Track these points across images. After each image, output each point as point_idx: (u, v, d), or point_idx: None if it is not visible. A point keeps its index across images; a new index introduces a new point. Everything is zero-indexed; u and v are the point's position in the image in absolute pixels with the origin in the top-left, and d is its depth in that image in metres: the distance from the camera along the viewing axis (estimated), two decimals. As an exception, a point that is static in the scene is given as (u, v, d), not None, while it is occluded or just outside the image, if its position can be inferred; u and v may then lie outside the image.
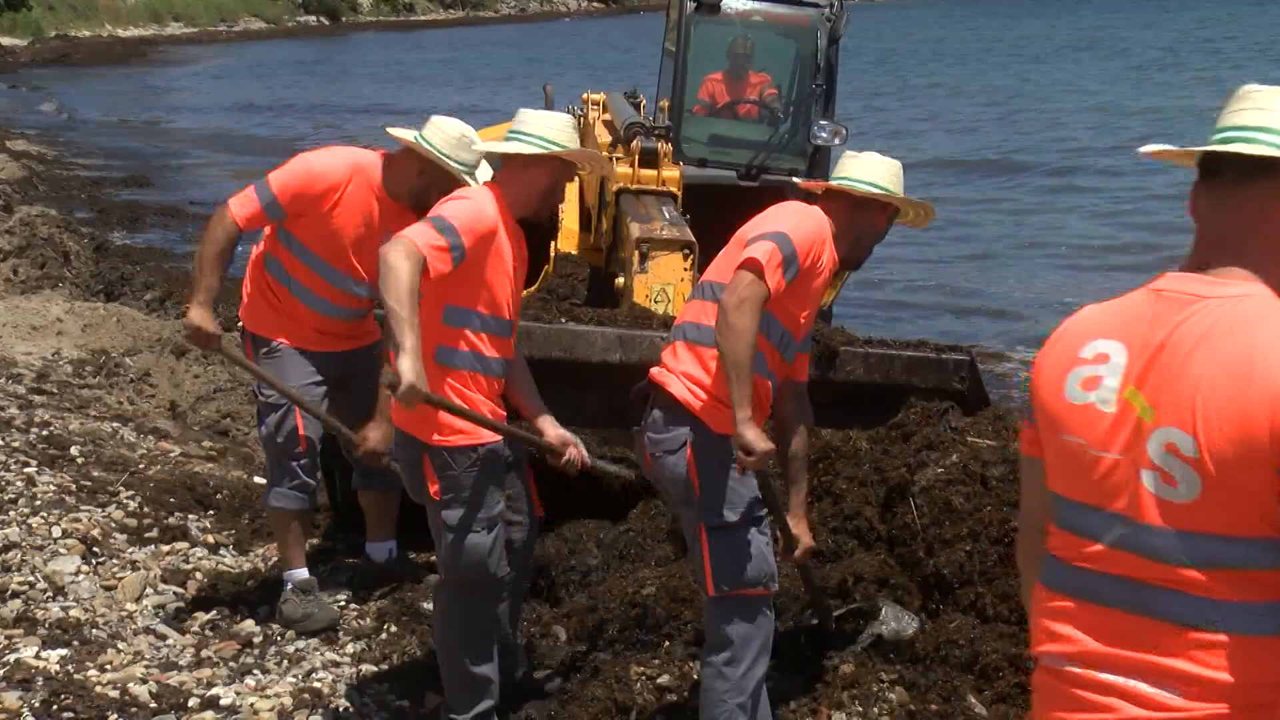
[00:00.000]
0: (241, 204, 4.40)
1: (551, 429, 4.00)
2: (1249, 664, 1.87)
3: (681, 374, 3.55)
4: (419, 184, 4.39)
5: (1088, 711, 1.99)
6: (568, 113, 8.38)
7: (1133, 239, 15.06)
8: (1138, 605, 1.94)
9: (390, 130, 4.48)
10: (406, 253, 3.42)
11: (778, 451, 3.61)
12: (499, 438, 3.79)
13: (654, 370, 3.67)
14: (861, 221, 3.66)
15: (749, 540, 3.54)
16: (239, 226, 4.40)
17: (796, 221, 3.53)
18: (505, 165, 3.84)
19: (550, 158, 3.74)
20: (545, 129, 3.73)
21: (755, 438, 3.27)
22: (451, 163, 4.26)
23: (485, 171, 4.46)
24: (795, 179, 3.98)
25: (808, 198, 3.77)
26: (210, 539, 5.49)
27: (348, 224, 4.46)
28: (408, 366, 3.35)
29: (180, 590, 4.96)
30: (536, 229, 7.10)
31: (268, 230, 4.55)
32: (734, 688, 3.54)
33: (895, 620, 4.16)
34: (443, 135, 4.29)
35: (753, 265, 3.36)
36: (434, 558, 5.26)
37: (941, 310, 12.55)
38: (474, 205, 3.67)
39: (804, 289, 3.55)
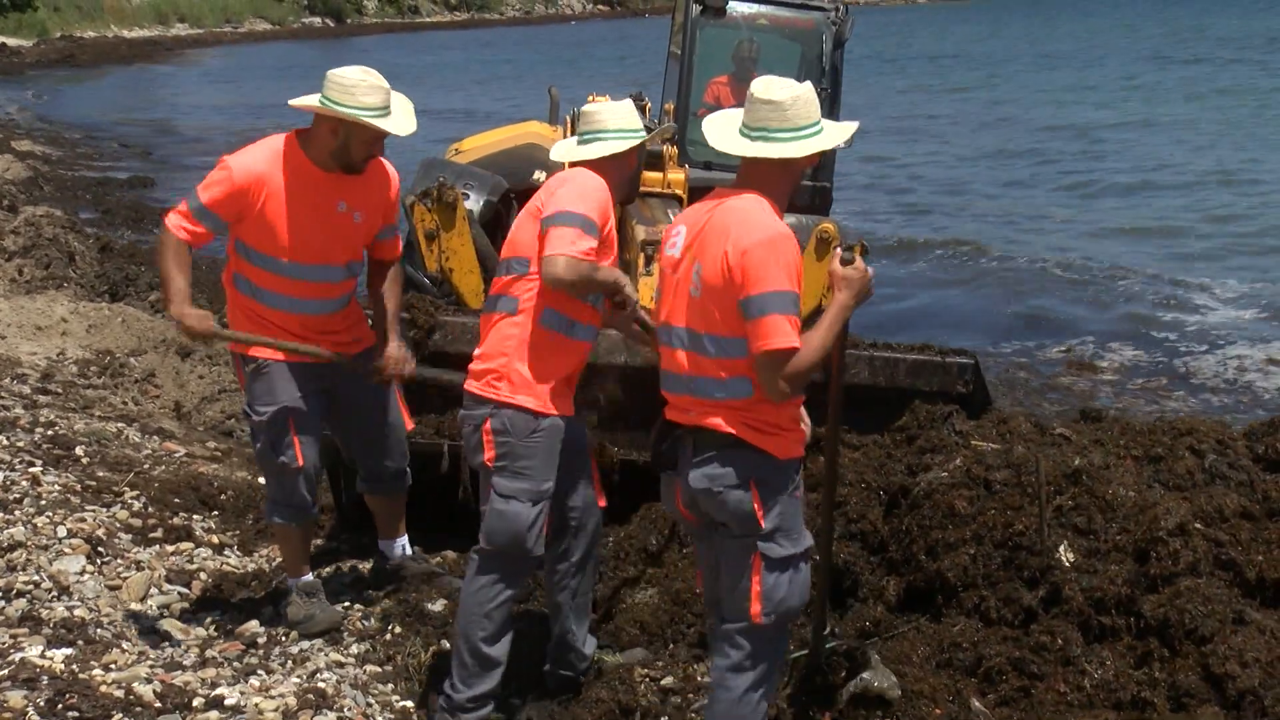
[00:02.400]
0: (175, 216, 4.38)
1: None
2: None
3: (722, 406, 3.38)
4: (337, 144, 4.35)
5: None
6: (571, 115, 8.44)
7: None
8: None
9: (291, 102, 4.45)
10: None
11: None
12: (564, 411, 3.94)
13: (675, 412, 3.50)
14: (796, 171, 3.60)
15: (800, 572, 3.49)
16: (176, 238, 4.34)
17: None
18: (599, 161, 3.97)
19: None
20: (623, 121, 4.02)
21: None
22: (357, 112, 4.24)
23: (402, 105, 4.41)
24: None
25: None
26: (215, 539, 5.50)
27: (289, 212, 4.37)
28: None
29: (185, 590, 4.97)
30: None
31: (228, 250, 4.52)
32: (753, 711, 3.50)
33: (884, 679, 3.94)
34: (338, 87, 4.27)
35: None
36: (441, 557, 5.30)
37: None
38: (602, 194, 3.87)
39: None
